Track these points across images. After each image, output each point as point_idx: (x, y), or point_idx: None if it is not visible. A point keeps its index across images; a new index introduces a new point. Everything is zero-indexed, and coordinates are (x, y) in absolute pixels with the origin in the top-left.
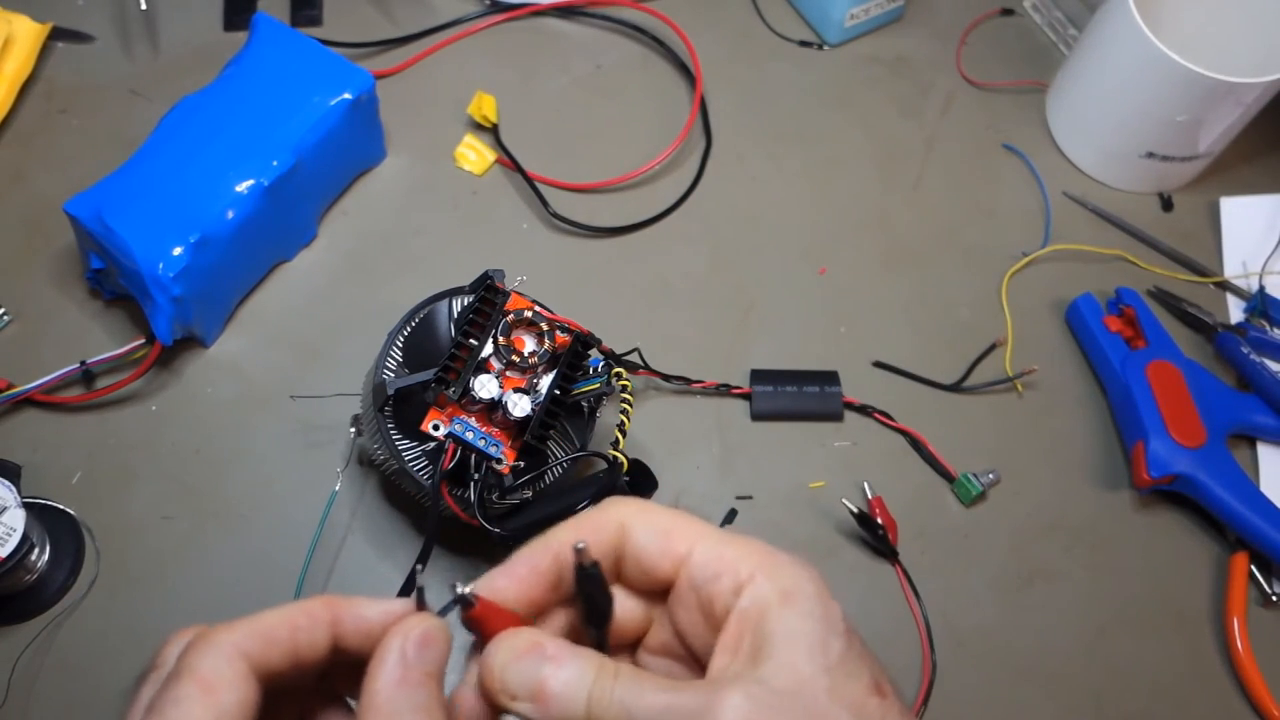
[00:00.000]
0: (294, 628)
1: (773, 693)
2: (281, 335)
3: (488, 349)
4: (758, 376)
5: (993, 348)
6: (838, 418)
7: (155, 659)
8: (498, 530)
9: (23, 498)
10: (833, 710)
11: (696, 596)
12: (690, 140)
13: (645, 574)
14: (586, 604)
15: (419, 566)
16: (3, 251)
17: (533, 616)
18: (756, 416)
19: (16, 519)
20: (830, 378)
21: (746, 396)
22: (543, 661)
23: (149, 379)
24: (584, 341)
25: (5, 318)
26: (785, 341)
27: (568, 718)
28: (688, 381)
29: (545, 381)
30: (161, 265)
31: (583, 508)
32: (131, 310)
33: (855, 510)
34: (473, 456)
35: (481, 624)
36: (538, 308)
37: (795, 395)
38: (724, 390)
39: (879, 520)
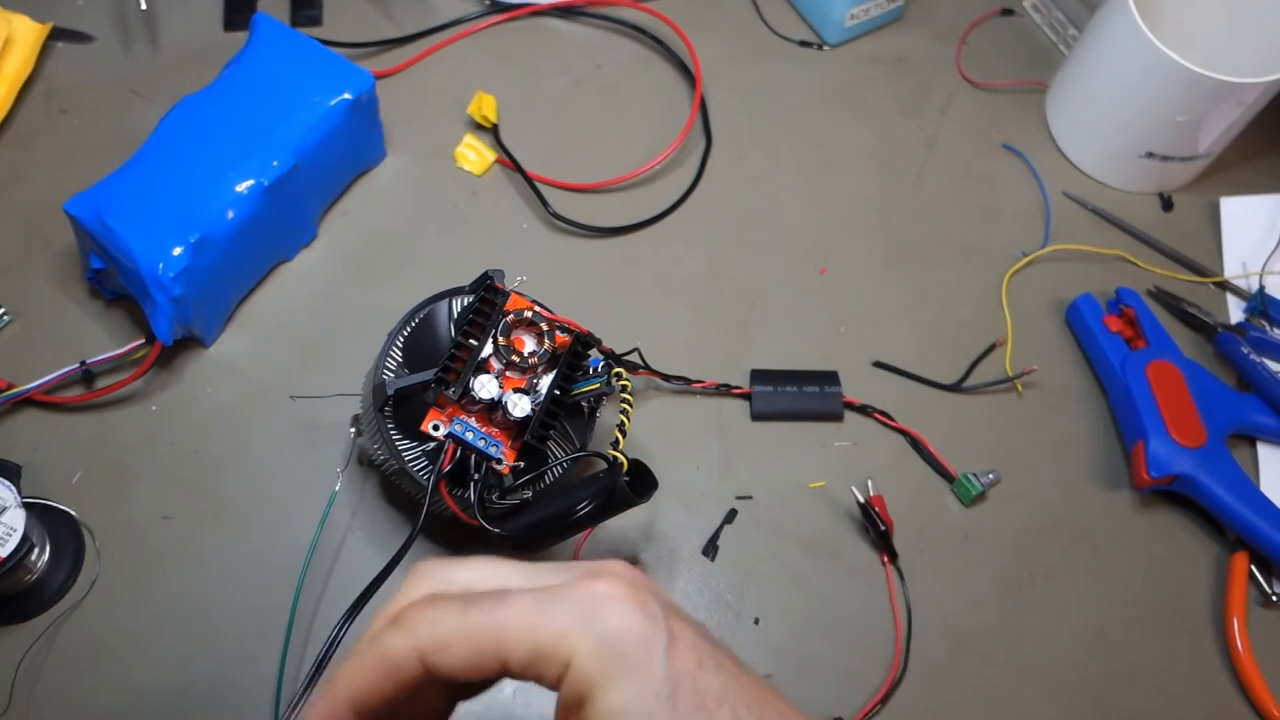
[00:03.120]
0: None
1: None
2: (281, 335)
3: (488, 349)
4: (757, 376)
5: (993, 348)
6: (838, 418)
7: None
8: (498, 530)
9: (23, 498)
10: None
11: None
12: (690, 140)
13: (472, 681)
14: None
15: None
16: (3, 251)
17: None
18: (756, 417)
19: (16, 519)
20: (830, 378)
21: (746, 396)
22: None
23: (149, 379)
24: (584, 341)
25: (5, 318)
26: (785, 341)
27: None
28: (688, 381)
29: (545, 381)
30: (161, 265)
31: (583, 508)
32: (131, 310)
33: (862, 500)
34: (473, 456)
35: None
36: (538, 308)
37: (795, 395)
38: (724, 390)
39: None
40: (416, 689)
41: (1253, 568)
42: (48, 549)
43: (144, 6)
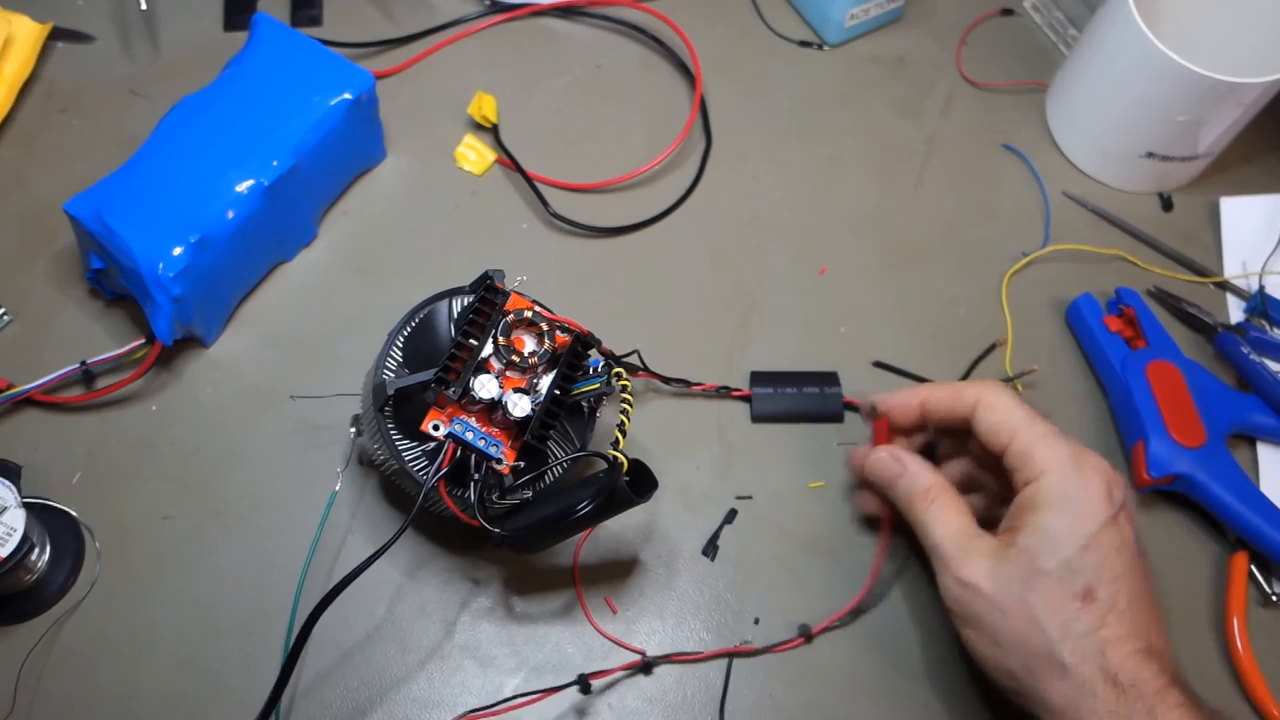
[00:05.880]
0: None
1: (1005, 567)
2: (281, 335)
3: (488, 349)
4: (757, 379)
5: (993, 348)
6: (838, 418)
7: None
8: (498, 530)
9: (23, 498)
10: (1031, 599)
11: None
12: (690, 140)
13: (980, 443)
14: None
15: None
16: (3, 251)
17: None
18: (756, 418)
19: (16, 519)
20: (830, 378)
21: (746, 398)
22: (897, 467)
23: (149, 379)
24: (584, 342)
25: (5, 318)
26: (785, 342)
27: (899, 502)
28: (687, 384)
29: (545, 381)
30: (161, 265)
31: (583, 508)
32: (131, 310)
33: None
34: (473, 456)
35: (876, 430)
36: (538, 308)
37: (795, 396)
38: (724, 393)
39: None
40: (964, 420)
41: (1253, 568)
42: (48, 549)
43: (144, 6)
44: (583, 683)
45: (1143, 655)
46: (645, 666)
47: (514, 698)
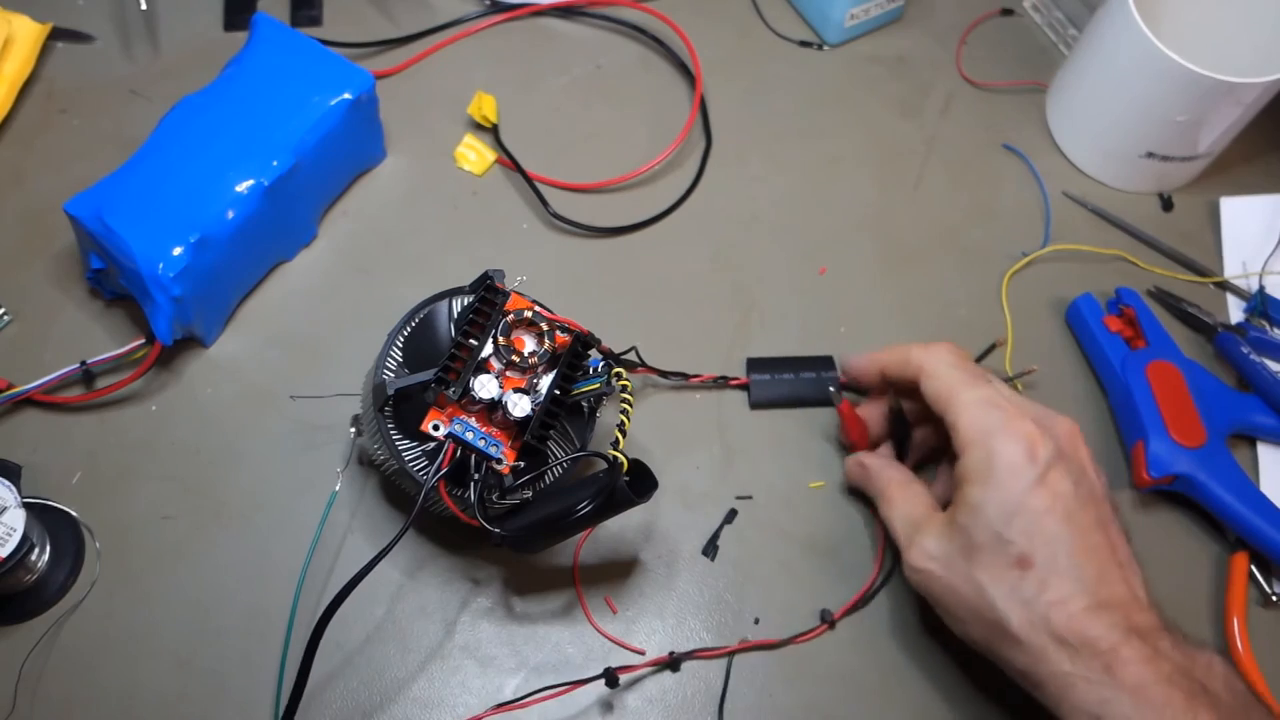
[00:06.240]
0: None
1: (949, 545)
2: (281, 335)
3: (488, 349)
4: (754, 365)
5: (993, 348)
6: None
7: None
8: (498, 530)
9: (23, 498)
10: (976, 574)
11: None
12: (690, 140)
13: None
14: (895, 430)
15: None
16: (3, 251)
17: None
18: (755, 405)
19: (16, 519)
20: (826, 362)
21: (745, 388)
22: (860, 471)
23: (149, 379)
24: (584, 341)
25: (5, 318)
26: (785, 341)
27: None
28: (685, 376)
29: (545, 381)
30: (161, 265)
31: (583, 508)
32: (131, 310)
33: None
34: (473, 456)
35: (842, 416)
36: (538, 308)
37: (792, 382)
38: (722, 383)
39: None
40: (912, 384)
41: (1253, 568)
42: (48, 549)
43: (144, 6)
44: (609, 676)
45: (1090, 612)
46: (673, 664)
47: (542, 690)
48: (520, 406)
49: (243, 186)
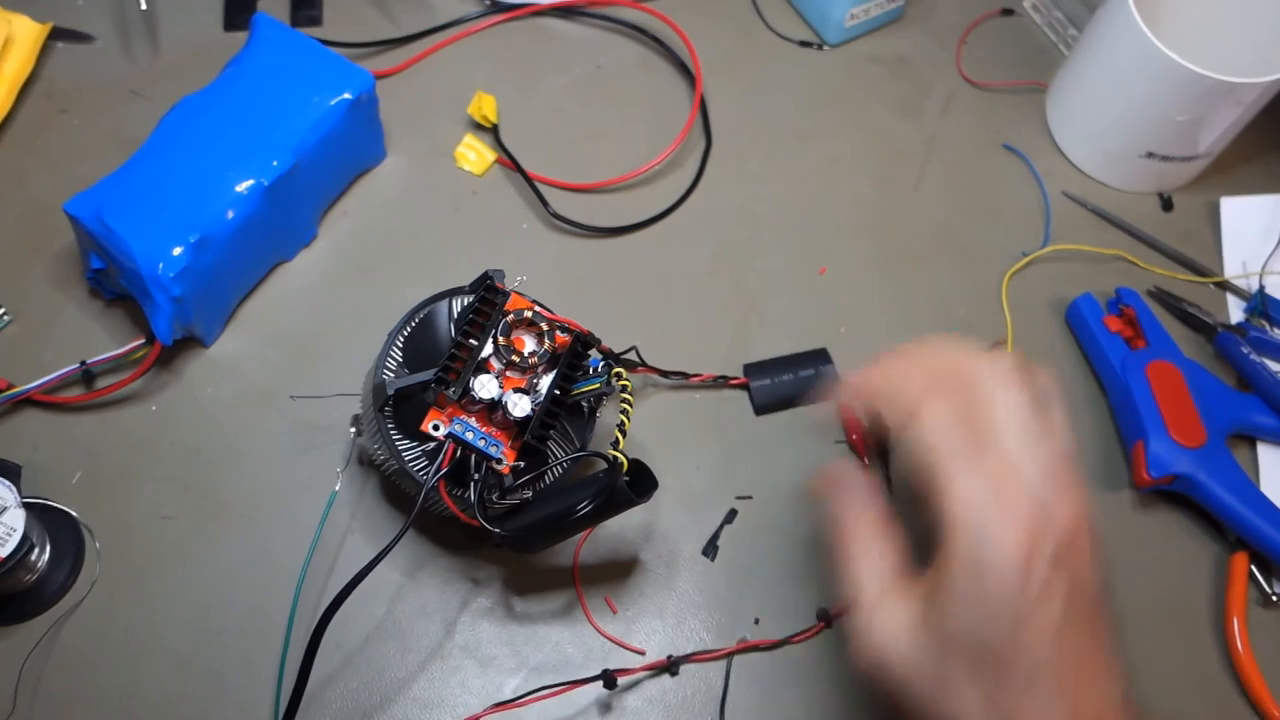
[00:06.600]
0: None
1: (926, 623)
2: (281, 335)
3: (488, 349)
4: (751, 370)
5: (993, 348)
6: None
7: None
8: (498, 530)
9: (23, 498)
10: (946, 674)
11: None
12: (690, 140)
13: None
14: (880, 440)
15: None
16: (3, 251)
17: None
18: (760, 410)
19: (16, 519)
20: (821, 356)
21: (744, 387)
22: (828, 489)
23: (149, 379)
24: (584, 341)
25: (5, 318)
26: (785, 341)
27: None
28: (685, 376)
29: (545, 381)
30: (161, 265)
31: (583, 508)
32: (131, 310)
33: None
34: (473, 456)
35: (843, 417)
36: (538, 308)
37: (792, 382)
38: (722, 383)
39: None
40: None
41: (1253, 568)
42: (48, 549)
43: (144, 6)
44: (607, 678)
45: None
46: (671, 667)
47: (540, 689)
48: (520, 406)
49: (243, 186)
